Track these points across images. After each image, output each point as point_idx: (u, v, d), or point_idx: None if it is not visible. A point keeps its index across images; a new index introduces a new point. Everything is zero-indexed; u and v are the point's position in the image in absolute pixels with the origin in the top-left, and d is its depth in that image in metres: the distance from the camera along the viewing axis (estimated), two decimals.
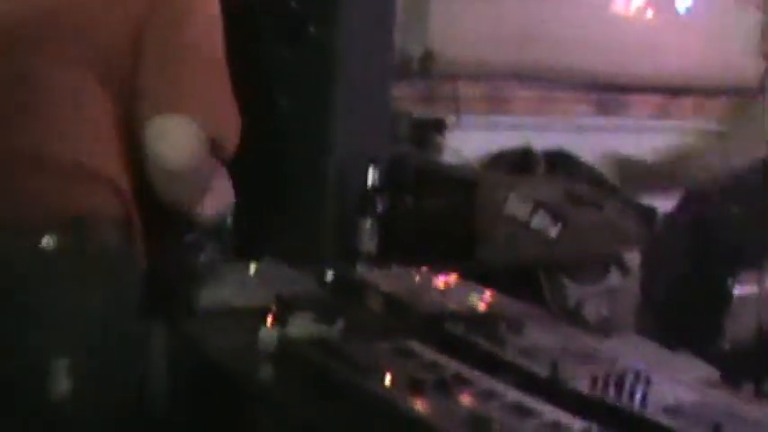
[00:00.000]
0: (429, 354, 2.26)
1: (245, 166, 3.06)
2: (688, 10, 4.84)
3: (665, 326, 3.12)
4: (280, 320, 2.40)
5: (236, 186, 2.49)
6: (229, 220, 2.75)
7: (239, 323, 2.51)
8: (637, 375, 2.11)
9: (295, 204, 3.24)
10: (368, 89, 3.28)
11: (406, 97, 3.96)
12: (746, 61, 4.64)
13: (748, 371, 2.48)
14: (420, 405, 2.01)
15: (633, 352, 2.38)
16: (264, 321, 2.41)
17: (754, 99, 4.39)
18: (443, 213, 3.26)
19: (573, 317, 2.89)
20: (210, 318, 2.61)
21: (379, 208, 3.12)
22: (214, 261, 2.70)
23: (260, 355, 2.37)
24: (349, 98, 3.22)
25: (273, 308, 2.44)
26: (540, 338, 2.37)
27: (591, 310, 3.05)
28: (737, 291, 3.23)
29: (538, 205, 3.17)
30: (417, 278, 2.81)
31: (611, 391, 2.06)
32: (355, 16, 3.26)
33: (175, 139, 2.19)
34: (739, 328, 3.13)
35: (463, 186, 3.29)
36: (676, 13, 4.84)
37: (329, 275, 2.81)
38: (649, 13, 4.76)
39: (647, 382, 2.10)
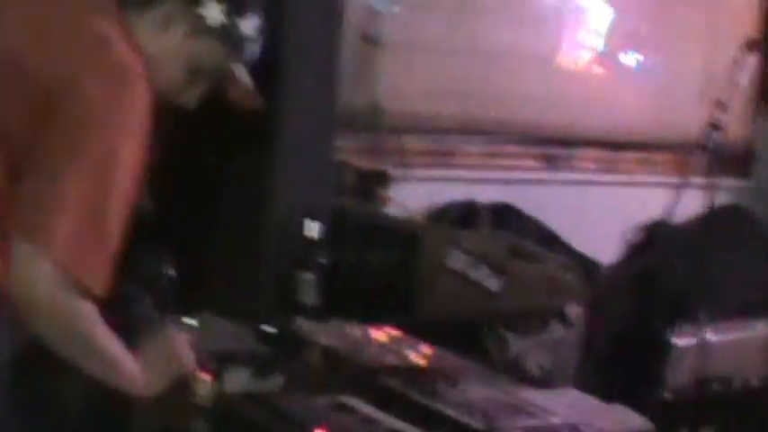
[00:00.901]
0: (367, 408, 2.25)
1: (185, 218, 3.06)
2: (633, 65, 4.91)
3: (606, 377, 3.14)
4: (216, 375, 2.38)
5: (174, 239, 2.47)
6: (170, 272, 2.73)
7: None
8: (570, 429, 2.12)
9: (234, 257, 3.22)
10: (310, 142, 3.28)
11: (351, 150, 3.97)
12: (690, 116, 4.71)
13: (685, 419, 2.49)
14: None
15: (569, 405, 2.38)
16: (201, 376, 2.39)
17: (696, 153, 4.45)
18: (386, 266, 3.26)
19: (513, 369, 2.89)
20: None
21: (321, 261, 3.11)
22: (151, 315, 2.68)
23: (195, 410, 2.34)
24: (290, 151, 3.22)
25: (210, 362, 2.42)
26: (476, 392, 2.37)
27: (532, 363, 3.05)
28: (677, 342, 3.26)
29: (480, 259, 3.18)
30: (357, 332, 2.79)
31: None
32: (298, 69, 3.26)
33: (18, 267, 2.08)
34: (678, 378, 3.15)
35: (406, 239, 3.29)
36: (621, 68, 4.90)
37: (268, 329, 2.79)
38: (594, 68, 4.82)
39: None
